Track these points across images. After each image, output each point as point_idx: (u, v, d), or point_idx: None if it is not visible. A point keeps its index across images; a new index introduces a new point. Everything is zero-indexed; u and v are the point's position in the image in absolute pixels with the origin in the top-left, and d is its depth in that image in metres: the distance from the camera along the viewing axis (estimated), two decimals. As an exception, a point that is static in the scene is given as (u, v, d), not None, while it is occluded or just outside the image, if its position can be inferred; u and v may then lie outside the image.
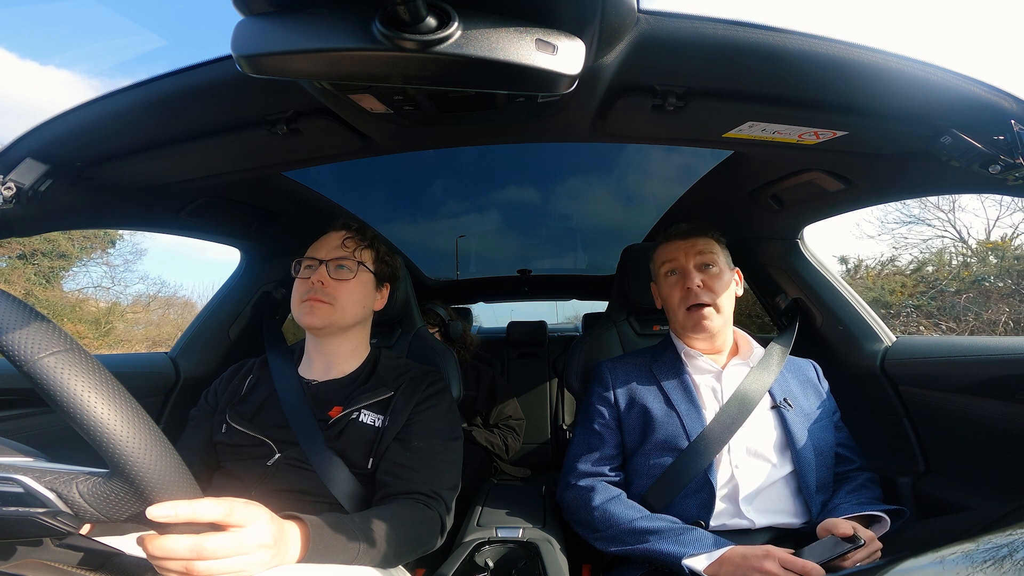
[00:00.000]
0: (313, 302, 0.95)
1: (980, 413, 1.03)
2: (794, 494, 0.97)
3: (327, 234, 1.03)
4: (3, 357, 0.41)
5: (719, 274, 1.05)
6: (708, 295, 1.03)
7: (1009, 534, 0.42)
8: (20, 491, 0.43)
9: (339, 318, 0.97)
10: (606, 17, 0.54)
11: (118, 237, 11.88)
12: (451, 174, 1.92)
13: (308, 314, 0.95)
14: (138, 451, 0.43)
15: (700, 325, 1.04)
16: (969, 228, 12.05)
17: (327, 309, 0.96)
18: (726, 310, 1.05)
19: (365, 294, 1.02)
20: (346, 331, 1.01)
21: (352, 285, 0.99)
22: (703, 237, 1.08)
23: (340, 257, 0.99)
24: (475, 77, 0.50)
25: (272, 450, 0.91)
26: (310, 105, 0.78)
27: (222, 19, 0.59)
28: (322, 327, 0.97)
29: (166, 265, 25.89)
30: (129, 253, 12.16)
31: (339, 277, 0.98)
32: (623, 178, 1.93)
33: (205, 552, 0.49)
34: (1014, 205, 9.38)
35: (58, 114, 0.77)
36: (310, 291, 0.96)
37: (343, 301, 0.97)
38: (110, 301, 11.26)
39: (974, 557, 0.39)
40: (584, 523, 0.99)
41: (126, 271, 12.39)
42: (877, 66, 0.66)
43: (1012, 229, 9.34)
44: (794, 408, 1.02)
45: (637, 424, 1.04)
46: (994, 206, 10.70)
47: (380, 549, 0.72)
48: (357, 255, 1.00)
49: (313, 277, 0.96)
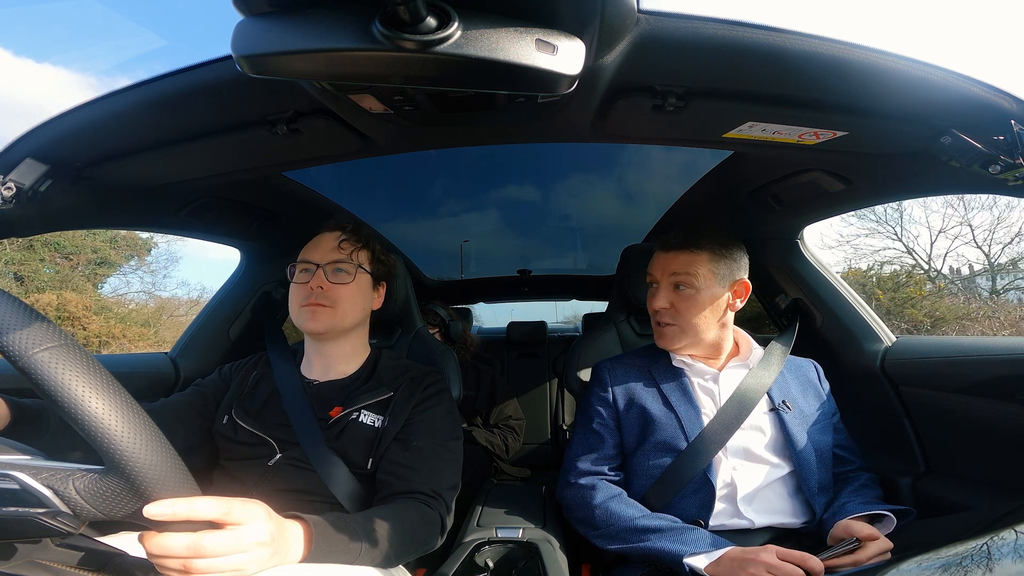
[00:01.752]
0: (314, 307, 0.94)
1: (980, 413, 1.03)
2: (793, 494, 0.97)
3: (320, 235, 1.02)
4: None
5: (692, 295, 1.02)
6: (670, 315, 1.04)
7: (1009, 534, 0.42)
8: (16, 488, 0.43)
9: (340, 321, 0.97)
10: (606, 17, 0.54)
11: (154, 244, 12.20)
12: (451, 174, 1.92)
13: (310, 320, 0.94)
14: (134, 446, 0.42)
15: (662, 339, 1.07)
16: (917, 238, 13.88)
17: (328, 313, 0.95)
18: (695, 328, 1.03)
19: (364, 296, 1.02)
20: (346, 333, 1.01)
21: (351, 288, 0.98)
22: (688, 252, 1.03)
23: (338, 260, 0.98)
24: (475, 77, 0.50)
25: (274, 450, 0.91)
26: (310, 105, 0.77)
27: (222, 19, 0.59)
28: (324, 332, 0.96)
29: (202, 271, 25.88)
30: (166, 260, 12.61)
31: (338, 281, 0.97)
32: (623, 178, 1.93)
33: (203, 550, 0.49)
34: (958, 217, 10.94)
35: (58, 114, 0.77)
36: (309, 296, 0.95)
37: (343, 304, 0.96)
38: (155, 306, 11.75)
39: (974, 557, 0.39)
40: (584, 521, 0.99)
41: (165, 277, 12.79)
42: (877, 66, 0.66)
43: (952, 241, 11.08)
44: (793, 410, 1.01)
45: (636, 424, 1.05)
46: (937, 215, 13.02)
47: (381, 549, 0.72)
48: (355, 257, 1.00)
49: (312, 282, 0.95)
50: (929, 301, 9.37)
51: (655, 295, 1.06)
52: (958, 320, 8.79)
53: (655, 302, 1.05)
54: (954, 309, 9.22)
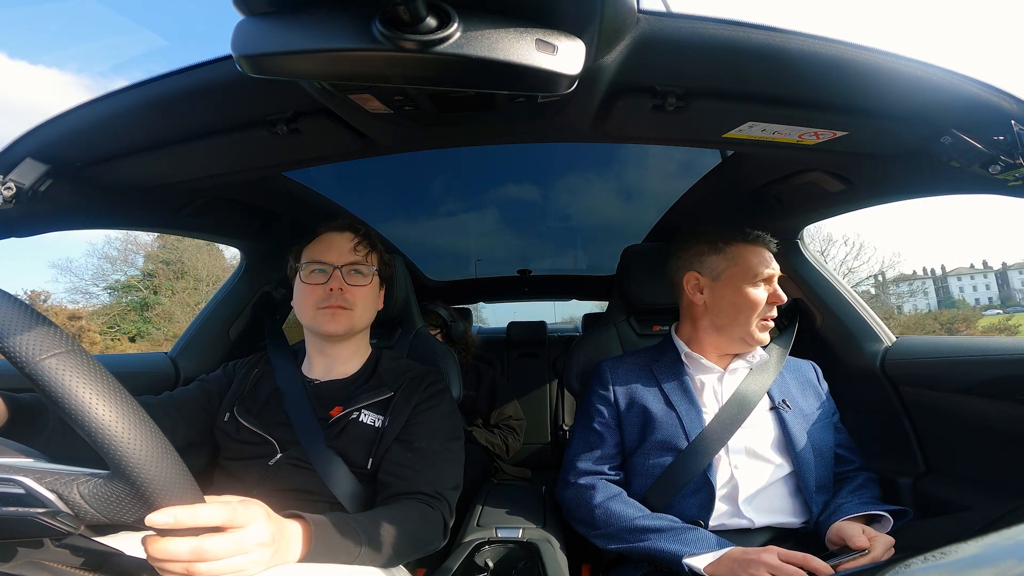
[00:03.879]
0: (334, 309, 0.94)
1: (980, 413, 1.03)
2: (793, 494, 0.97)
3: (330, 235, 1.01)
4: (4, 359, 0.41)
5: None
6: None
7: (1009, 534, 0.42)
8: (21, 492, 0.43)
9: (357, 324, 0.98)
10: (606, 17, 0.54)
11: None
12: (451, 174, 1.92)
13: (329, 322, 0.94)
14: (139, 453, 0.42)
15: (767, 335, 1.05)
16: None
17: (347, 316, 0.95)
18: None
19: (376, 298, 1.03)
20: (356, 334, 1.02)
21: (367, 290, 0.99)
22: (769, 249, 1.08)
23: (355, 263, 0.98)
24: (475, 77, 0.50)
25: (275, 449, 0.91)
26: (310, 105, 0.77)
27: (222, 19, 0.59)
28: (343, 333, 0.97)
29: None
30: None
31: (356, 283, 0.97)
32: (623, 178, 1.93)
33: (206, 554, 0.49)
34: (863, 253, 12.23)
35: (58, 114, 0.77)
36: (328, 298, 0.94)
37: (360, 306, 0.97)
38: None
39: (974, 557, 0.39)
40: (584, 521, 0.99)
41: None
42: (877, 66, 0.66)
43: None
44: (792, 409, 1.02)
45: (636, 424, 1.04)
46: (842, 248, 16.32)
47: (382, 549, 0.72)
48: (370, 260, 1.01)
49: (331, 284, 0.95)
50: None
51: (775, 291, 1.04)
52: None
53: (777, 297, 1.03)
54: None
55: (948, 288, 61.25)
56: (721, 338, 1.07)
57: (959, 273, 63.16)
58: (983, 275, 63.10)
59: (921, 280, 52.92)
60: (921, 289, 39.81)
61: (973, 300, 57.38)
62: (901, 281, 22.01)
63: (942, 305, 39.91)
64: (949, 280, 62.32)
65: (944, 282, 61.82)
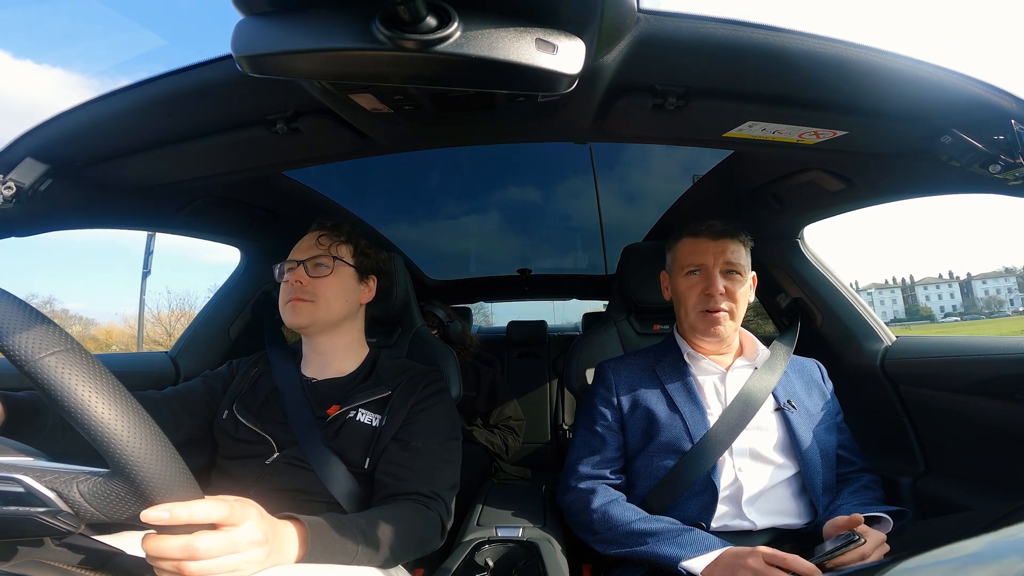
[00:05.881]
0: (295, 302, 0.97)
1: (980, 413, 1.03)
2: (797, 495, 0.96)
3: (306, 235, 1.05)
4: (3, 357, 0.41)
5: (741, 281, 1.03)
6: (727, 302, 1.01)
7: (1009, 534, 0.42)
8: (21, 491, 0.43)
9: (323, 315, 0.98)
10: (606, 17, 0.54)
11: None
12: (451, 174, 1.92)
13: (292, 314, 0.97)
14: (139, 451, 0.43)
15: (712, 330, 1.02)
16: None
17: (309, 307, 0.97)
18: (739, 316, 1.04)
19: (347, 288, 1.02)
20: (335, 327, 1.02)
21: (330, 281, 1.00)
22: (734, 241, 1.04)
23: (316, 256, 1.00)
24: (475, 77, 0.50)
25: (272, 448, 0.91)
26: (310, 105, 0.77)
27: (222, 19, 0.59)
28: (307, 325, 0.98)
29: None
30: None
31: (317, 275, 0.99)
32: (623, 177, 1.93)
33: (197, 552, 0.49)
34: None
35: (58, 114, 0.77)
36: (291, 292, 0.97)
37: (324, 297, 0.98)
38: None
39: (974, 557, 0.39)
40: (584, 526, 0.99)
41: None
42: (877, 66, 0.66)
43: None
44: (798, 410, 1.01)
45: (640, 426, 1.04)
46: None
47: (379, 549, 0.72)
48: (332, 251, 1.02)
49: (292, 278, 0.98)
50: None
51: (709, 282, 1.01)
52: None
53: (712, 287, 1.01)
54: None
55: (915, 297, 62.19)
56: (689, 334, 1.09)
57: (927, 283, 64.34)
58: (948, 284, 64.22)
59: (890, 289, 53.68)
60: (890, 298, 40.43)
61: (939, 308, 58.12)
62: (872, 289, 22.21)
63: (909, 313, 40.26)
64: (916, 289, 63.34)
65: (912, 291, 62.77)
